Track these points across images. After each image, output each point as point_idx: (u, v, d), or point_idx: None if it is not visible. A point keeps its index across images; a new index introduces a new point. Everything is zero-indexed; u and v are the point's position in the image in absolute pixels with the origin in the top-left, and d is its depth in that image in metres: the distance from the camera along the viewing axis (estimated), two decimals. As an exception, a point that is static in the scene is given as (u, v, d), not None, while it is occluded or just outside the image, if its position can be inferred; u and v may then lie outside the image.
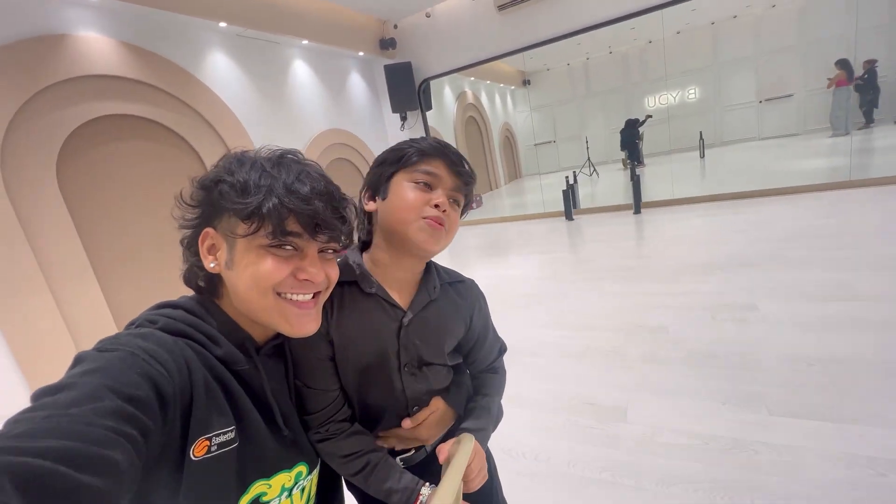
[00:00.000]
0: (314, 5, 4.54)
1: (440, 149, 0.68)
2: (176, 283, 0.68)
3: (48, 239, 2.75)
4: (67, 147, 2.90)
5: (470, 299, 0.79)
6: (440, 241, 0.67)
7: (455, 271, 0.83)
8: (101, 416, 0.37)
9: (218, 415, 0.52)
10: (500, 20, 5.13)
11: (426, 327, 0.72)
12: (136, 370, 0.44)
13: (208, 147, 3.77)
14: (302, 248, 0.55)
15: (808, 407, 1.52)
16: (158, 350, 0.48)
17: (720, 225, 3.98)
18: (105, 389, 0.40)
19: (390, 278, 0.71)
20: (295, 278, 0.55)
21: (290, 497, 0.62)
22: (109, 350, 0.46)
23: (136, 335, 0.50)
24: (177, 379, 0.48)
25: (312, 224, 0.54)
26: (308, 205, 0.53)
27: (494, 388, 0.82)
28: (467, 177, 0.69)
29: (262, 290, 0.54)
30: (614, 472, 1.41)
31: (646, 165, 8.13)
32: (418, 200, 0.66)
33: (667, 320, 2.33)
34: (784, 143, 7.56)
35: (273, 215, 0.52)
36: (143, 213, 3.31)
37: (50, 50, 2.81)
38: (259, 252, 0.53)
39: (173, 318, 0.54)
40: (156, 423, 0.43)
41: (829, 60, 6.59)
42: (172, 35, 3.56)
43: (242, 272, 0.54)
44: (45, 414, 0.36)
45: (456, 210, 0.70)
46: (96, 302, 2.96)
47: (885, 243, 2.79)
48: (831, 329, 1.96)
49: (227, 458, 0.52)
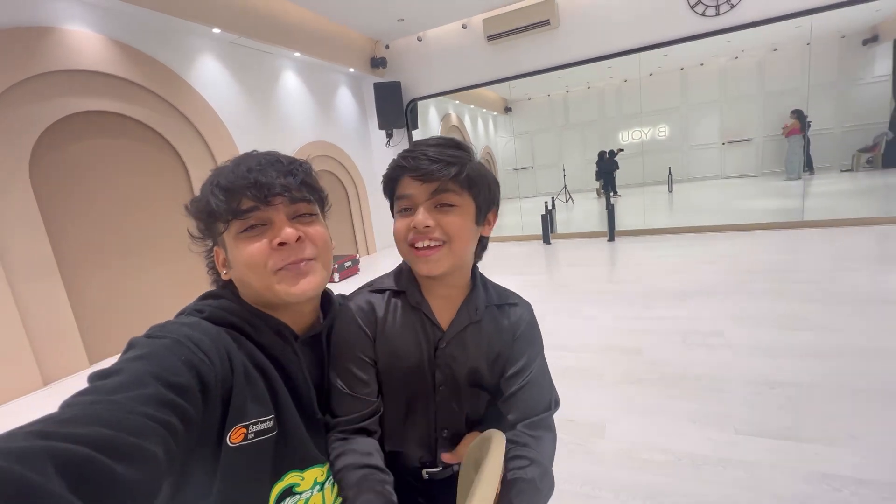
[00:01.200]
0: (310, 20, 4.62)
1: (400, 166, 0.62)
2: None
3: (13, 236, 2.62)
4: (43, 141, 2.80)
5: (514, 321, 0.71)
6: (442, 261, 0.62)
7: (512, 292, 0.75)
8: (143, 404, 0.39)
9: (256, 403, 0.54)
10: (488, 50, 5.35)
11: (464, 350, 0.68)
12: (181, 358, 0.46)
13: (191, 150, 3.71)
14: (271, 221, 0.57)
15: (770, 427, 1.63)
16: (203, 339, 0.50)
17: (689, 255, 4.21)
18: (150, 376, 0.42)
19: (434, 295, 0.68)
20: (276, 249, 0.57)
21: (322, 491, 0.62)
22: (157, 337, 0.49)
23: (182, 324, 0.52)
24: (218, 367, 0.50)
25: (261, 194, 0.56)
26: (250, 180, 0.56)
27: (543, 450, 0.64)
28: (438, 172, 0.59)
29: (257, 273, 0.57)
30: (594, 486, 1.46)
31: (619, 196, 8.50)
32: (402, 230, 0.62)
33: (641, 343, 2.44)
34: (743, 183, 8.11)
35: (224, 207, 0.56)
36: (117, 213, 3.20)
37: (35, 41, 2.73)
38: (238, 241, 0.57)
39: (219, 308, 0.57)
40: (196, 409, 0.45)
41: (784, 110, 7.20)
42: (163, 36, 3.54)
43: (237, 266, 0.58)
44: (92, 399, 0.38)
45: (454, 211, 0.61)
46: (58, 303, 2.82)
47: (837, 279, 3.03)
48: (790, 355, 2.11)
49: (263, 446, 0.54)
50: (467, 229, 0.63)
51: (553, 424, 0.69)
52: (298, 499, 0.60)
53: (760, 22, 4.28)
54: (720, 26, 4.39)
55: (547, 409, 0.68)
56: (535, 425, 0.65)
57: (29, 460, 0.26)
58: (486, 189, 0.64)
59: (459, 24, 5.37)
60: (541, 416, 0.66)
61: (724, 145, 8.59)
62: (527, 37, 5.12)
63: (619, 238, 5.29)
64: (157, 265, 3.42)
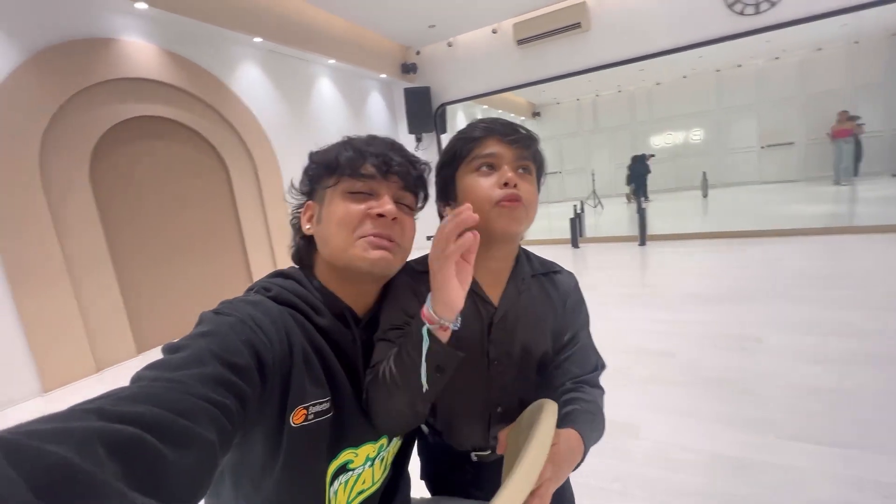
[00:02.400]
0: (344, 28, 4.78)
1: (487, 128, 0.65)
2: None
3: (74, 232, 2.83)
4: (101, 144, 3.01)
5: (563, 290, 0.74)
6: (522, 220, 0.64)
7: (551, 261, 0.77)
8: (201, 383, 0.40)
9: (314, 385, 0.56)
10: (518, 54, 5.38)
11: (517, 321, 0.69)
12: (241, 337, 0.48)
13: (233, 153, 3.90)
14: (377, 192, 0.61)
15: (812, 432, 1.57)
16: (264, 319, 0.52)
17: (723, 260, 4.08)
18: (210, 355, 0.43)
19: (482, 269, 0.67)
20: (371, 218, 0.59)
21: (372, 467, 0.65)
22: (224, 314, 0.51)
23: (248, 302, 0.54)
24: (277, 348, 0.52)
25: (384, 166, 0.60)
26: (379, 152, 0.61)
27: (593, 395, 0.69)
28: (525, 141, 0.65)
29: (344, 232, 0.59)
30: (626, 483, 1.45)
31: (650, 200, 8.32)
32: (486, 186, 0.63)
33: (673, 346, 2.39)
34: (783, 188, 7.77)
35: (349, 163, 0.60)
36: (167, 211, 3.40)
37: (96, 52, 2.96)
38: (340, 199, 0.60)
39: (285, 288, 0.59)
40: (254, 389, 0.46)
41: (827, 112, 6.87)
42: (209, 46, 3.75)
43: (328, 221, 0.61)
44: (154, 375, 0.39)
45: (529, 179, 0.65)
46: (112, 294, 3.01)
47: (882, 286, 2.88)
48: (833, 361, 2.02)
49: (322, 426, 0.56)
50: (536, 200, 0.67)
51: (600, 383, 0.72)
52: (351, 475, 0.62)
53: (803, 20, 4.13)
54: (760, 25, 4.27)
55: (594, 369, 0.71)
56: (582, 382, 0.69)
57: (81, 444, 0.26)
58: (543, 170, 0.71)
59: (489, 30, 5.42)
60: (589, 375, 0.70)
61: (763, 149, 8.28)
62: (557, 40, 5.12)
63: (651, 242, 5.17)
64: (200, 262, 3.61)
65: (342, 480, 0.61)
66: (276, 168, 4.25)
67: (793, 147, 7.96)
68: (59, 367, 2.71)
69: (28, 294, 2.58)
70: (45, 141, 2.69)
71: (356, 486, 0.63)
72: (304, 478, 0.57)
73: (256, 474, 0.55)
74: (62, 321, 2.73)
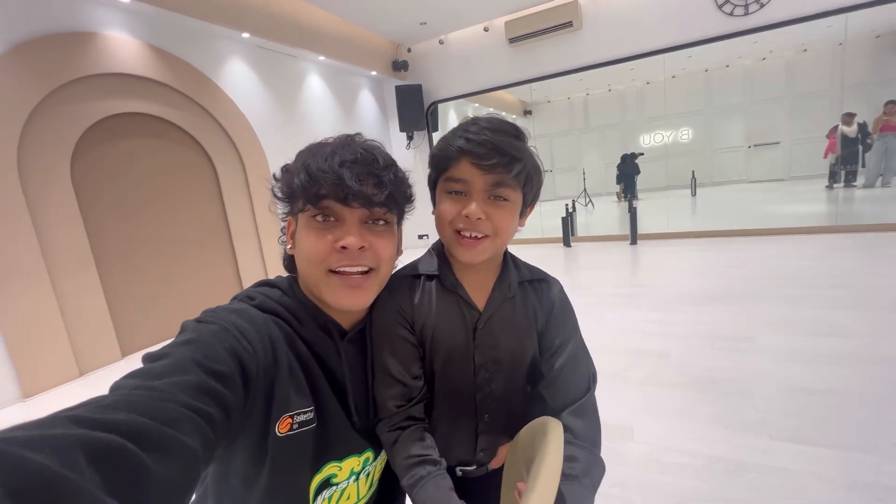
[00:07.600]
0: (334, 24, 4.71)
1: (463, 148, 0.59)
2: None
3: (55, 232, 2.73)
4: (83, 141, 2.92)
5: (549, 297, 0.71)
6: (484, 252, 0.62)
7: (539, 269, 0.75)
8: (183, 391, 0.39)
9: (298, 394, 0.54)
10: (510, 52, 5.36)
11: (502, 326, 0.67)
12: (224, 345, 0.46)
13: (220, 151, 3.82)
14: (343, 218, 0.56)
15: (808, 434, 1.58)
16: (248, 328, 0.50)
17: (714, 259, 4.12)
18: (193, 363, 0.42)
19: (467, 274, 0.68)
20: (337, 251, 0.56)
21: (357, 482, 0.63)
22: (207, 322, 0.49)
23: (231, 310, 0.52)
24: (261, 357, 0.50)
25: (341, 193, 0.54)
26: (331, 173, 0.54)
27: (592, 437, 0.65)
28: (505, 166, 0.58)
29: (312, 265, 0.57)
30: (623, 488, 1.44)
31: (640, 199, 8.37)
32: (449, 213, 0.61)
33: (667, 347, 2.39)
34: (771, 188, 7.88)
35: (303, 191, 0.56)
36: (152, 210, 3.31)
37: (77, 46, 2.86)
38: (308, 228, 0.57)
39: (269, 297, 0.57)
40: (237, 398, 0.45)
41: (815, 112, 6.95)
42: (195, 41, 3.66)
43: (299, 249, 0.59)
44: (135, 384, 0.38)
45: (505, 206, 0.61)
46: (95, 296, 2.92)
47: (874, 285, 2.92)
48: (827, 362, 2.04)
49: (306, 436, 0.55)
50: (513, 225, 0.63)
51: (595, 404, 0.69)
52: (335, 490, 0.60)
53: (791, 21, 4.17)
54: (749, 26, 4.30)
55: (587, 389, 0.68)
56: (579, 411, 0.65)
57: (61, 451, 0.26)
58: (537, 186, 0.65)
59: (481, 28, 5.39)
60: (583, 400, 0.66)
61: (751, 148, 8.38)
62: (549, 39, 5.11)
63: (642, 241, 5.20)
64: (187, 263, 3.52)
65: (326, 496, 0.60)
66: (264, 166, 4.17)
67: (779, 147, 8.07)
68: (39, 371, 2.62)
69: (7, 296, 2.49)
70: (24, 138, 2.59)
71: (340, 501, 0.62)
72: (287, 493, 0.55)
73: (239, 489, 0.53)
74: (43, 324, 2.64)
